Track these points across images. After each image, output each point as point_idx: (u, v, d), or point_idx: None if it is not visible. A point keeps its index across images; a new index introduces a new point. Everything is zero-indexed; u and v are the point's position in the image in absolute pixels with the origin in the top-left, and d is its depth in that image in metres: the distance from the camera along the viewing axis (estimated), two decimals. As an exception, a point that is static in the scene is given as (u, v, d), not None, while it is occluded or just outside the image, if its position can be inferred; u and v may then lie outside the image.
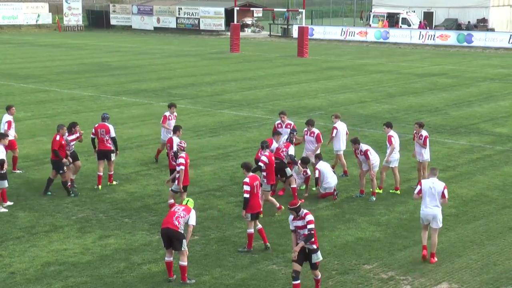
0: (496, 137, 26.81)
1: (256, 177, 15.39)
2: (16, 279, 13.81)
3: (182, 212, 13.54)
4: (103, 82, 41.71)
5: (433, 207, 14.73)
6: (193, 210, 13.76)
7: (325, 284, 13.65)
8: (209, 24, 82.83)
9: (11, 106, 21.98)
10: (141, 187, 19.96)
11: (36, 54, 58.85)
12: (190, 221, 13.56)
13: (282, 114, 21.18)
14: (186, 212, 13.57)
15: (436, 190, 14.69)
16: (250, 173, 15.29)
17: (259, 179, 15.52)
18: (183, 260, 13.54)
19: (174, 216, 13.47)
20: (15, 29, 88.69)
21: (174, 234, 13.36)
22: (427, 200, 14.76)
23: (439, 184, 14.79)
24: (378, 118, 30.31)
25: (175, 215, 13.47)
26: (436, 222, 14.79)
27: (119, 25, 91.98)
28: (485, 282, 13.80)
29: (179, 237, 13.37)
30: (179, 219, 13.41)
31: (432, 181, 14.83)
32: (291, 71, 47.38)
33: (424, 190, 14.80)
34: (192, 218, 13.59)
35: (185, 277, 13.59)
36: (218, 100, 35.13)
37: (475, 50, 63.82)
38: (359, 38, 71.97)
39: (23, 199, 18.64)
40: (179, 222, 13.41)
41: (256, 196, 15.17)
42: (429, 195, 14.74)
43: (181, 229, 13.42)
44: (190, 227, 13.61)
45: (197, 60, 54.52)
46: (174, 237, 13.37)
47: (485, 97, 36.45)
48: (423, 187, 14.83)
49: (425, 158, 19.67)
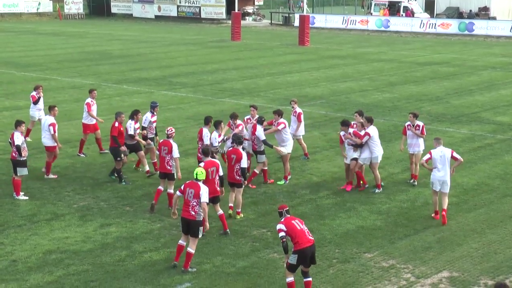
0: (497, 125, 26.78)
1: (213, 163, 15.43)
2: (18, 267, 13.85)
3: (194, 201, 13.59)
4: (104, 70, 41.67)
5: (444, 174, 16.14)
6: (203, 186, 13.75)
7: (326, 272, 13.69)
8: (210, 13, 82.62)
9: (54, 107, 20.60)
10: (142, 176, 19.97)
11: (37, 43, 58.76)
12: (203, 199, 13.61)
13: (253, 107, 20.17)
14: (196, 198, 13.59)
15: (446, 156, 16.17)
16: (208, 158, 15.41)
17: (218, 165, 15.48)
18: (192, 248, 13.64)
19: (189, 205, 13.64)
20: (15, 17, 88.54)
21: (191, 223, 13.61)
22: (438, 167, 16.15)
23: (447, 151, 16.31)
24: (379, 106, 30.29)
25: (190, 204, 13.63)
26: (446, 186, 16.22)
27: (120, 13, 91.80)
28: (486, 270, 13.83)
29: (196, 225, 13.59)
30: (194, 208, 13.57)
31: (440, 150, 16.26)
32: (292, 60, 47.30)
33: (435, 159, 16.19)
34: (203, 196, 13.60)
35: (188, 264, 13.64)
36: (219, 89, 35.09)
37: (476, 38, 63.66)
38: (360, 27, 71.78)
39: (24, 187, 18.64)
40: (195, 211, 13.56)
41: (212, 181, 15.19)
42: (440, 162, 16.15)
43: (198, 217, 13.55)
44: (204, 205, 13.61)
45: (198, 49, 54.43)
46: (191, 226, 13.63)
47: (487, 85, 36.39)
48: (433, 156, 16.22)
49: (420, 150, 19.05)
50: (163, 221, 16.37)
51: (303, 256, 12.34)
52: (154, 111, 20.46)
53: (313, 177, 19.94)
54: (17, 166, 17.79)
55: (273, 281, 13.32)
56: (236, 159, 16.33)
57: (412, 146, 19.15)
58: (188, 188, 13.72)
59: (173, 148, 16.63)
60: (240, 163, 16.27)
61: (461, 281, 13.36)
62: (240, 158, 16.28)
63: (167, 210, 16.98)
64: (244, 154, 16.50)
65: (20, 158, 17.73)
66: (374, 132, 18.40)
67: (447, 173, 16.22)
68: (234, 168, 16.36)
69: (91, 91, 22.81)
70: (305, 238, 12.34)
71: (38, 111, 23.61)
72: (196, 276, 13.51)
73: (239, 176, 16.35)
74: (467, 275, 13.62)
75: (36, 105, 23.58)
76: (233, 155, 16.44)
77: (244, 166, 16.33)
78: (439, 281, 13.39)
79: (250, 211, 16.99)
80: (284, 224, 12.45)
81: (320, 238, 15.35)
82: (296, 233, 12.35)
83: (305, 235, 12.37)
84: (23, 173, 17.88)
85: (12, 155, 17.85)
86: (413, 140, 19.09)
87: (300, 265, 12.48)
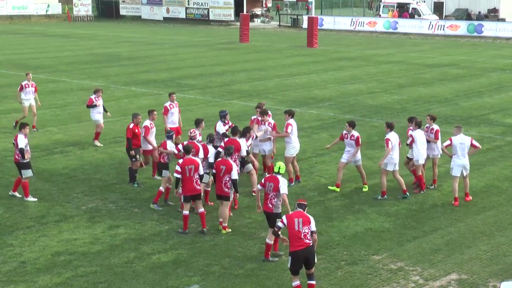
0: (506, 128, 26.70)
1: (192, 161, 15.48)
2: (27, 268, 13.89)
3: (272, 194, 14.24)
4: (112, 72, 41.77)
5: (464, 159, 17.55)
6: (282, 179, 14.27)
7: (334, 274, 13.67)
8: (219, 14, 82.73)
9: (153, 111, 20.34)
10: (150, 178, 20.00)
11: (46, 44, 58.96)
12: (282, 191, 14.17)
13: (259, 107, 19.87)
14: (275, 191, 14.20)
15: (465, 144, 17.52)
16: (188, 155, 15.64)
17: (197, 164, 15.51)
18: (270, 238, 14.16)
19: (268, 198, 14.28)
20: (25, 19, 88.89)
21: (269, 215, 14.31)
22: (459, 153, 17.51)
23: (467, 139, 17.64)
24: (388, 108, 30.24)
25: (269, 197, 14.28)
26: (467, 170, 17.71)
27: (128, 15, 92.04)
28: (495, 273, 13.78)
29: (274, 217, 14.13)
30: (272, 201, 14.26)
31: (460, 137, 17.56)
32: (300, 62, 47.29)
33: (455, 145, 17.50)
34: (282, 188, 14.19)
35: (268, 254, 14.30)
36: (227, 91, 35.12)
37: (485, 40, 63.49)
38: (368, 29, 71.72)
39: (33, 189, 18.70)
40: (272, 204, 14.25)
41: (189, 180, 15.39)
42: (460, 149, 17.51)
43: (276, 209, 14.25)
44: (283, 197, 14.24)
45: (207, 51, 54.49)
46: (270, 218, 14.31)
47: (496, 87, 36.28)
48: (453, 143, 17.52)
49: (436, 153, 18.83)
50: (171, 223, 16.38)
51: (296, 258, 12.30)
52: (225, 119, 19.26)
53: (321, 179, 19.93)
54: (21, 169, 17.83)
55: (281, 283, 13.31)
56: (225, 170, 15.51)
57: (429, 150, 18.73)
58: (268, 182, 14.25)
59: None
60: (230, 174, 15.51)
61: (470, 284, 13.31)
62: (230, 169, 15.50)
63: (175, 212, 17.01)
64: (234, 165, 15.70)
65: (23, 161, 17.77)
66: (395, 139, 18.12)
67: (467, 158, 17.57)
68: (222, 179, 15.56)
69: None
70: (298, 240, 12.16)
71: (99, 114, 23.43)
72: (204, 278, 13.51)
73: (228, 188, 15.61)
74: (476, 278, 13.57)
75: (96, 108, 23.38)
76: (222, 166, 15.60)
77: (235, 177, 15.57)
78: (448, 283, 13.34)
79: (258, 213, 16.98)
80: (287, 217, 12.53)
81: (328, 240, 15.34)
82: (290, 233, 12.33)
83: (299, 238, 12.17)
84: (28, 174, 17.91)
85: (15, 158, 17.89)
86: (431, 143, 18.74)
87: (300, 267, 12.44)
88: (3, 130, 25.87)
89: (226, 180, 15.60)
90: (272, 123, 19.35)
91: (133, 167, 19.22)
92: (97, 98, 23.51)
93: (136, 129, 19.09)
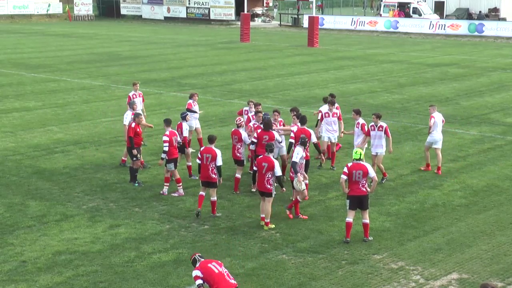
0: (507, 127, 26.69)
1: (210, 150, 16.63)
2: (27, 267, 13.90)
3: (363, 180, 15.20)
4: (113, 71, 41.77)
5: (439, 133, 20.32)
6: (368, 165, 15.32)
7: (334, 274, 13.67)
8: (219, 14, 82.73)
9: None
10: (151, 177, 20.01)
11: (46, 44, 58.97)
12: (371, 174, 15.31)
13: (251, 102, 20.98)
14: (364, 177, 15.14)
15: (440, 119, 20.42)
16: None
17: (215, 154, 16.51)
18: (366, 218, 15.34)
19: (359, 184, 15.11)
20: (25, 18, 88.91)
21: (364, 198, 15.16)
22: (437, 128, 20.24)
23: (439, 115, 20.57)
24: (388, 108, 30.24)
25: (360, 183, 15.10)
26: (440, 143, 20.33)
27: (129, 14, 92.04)
28: (495, 272, 13.78)
29: (368, 198, 15.31)
30: (365, 186, 15.14)
31: (438, 114, 20.40)
32: (301, 61, 47.29)
33: (436, 122, 20.16)
34: (371, 172, 15.25)
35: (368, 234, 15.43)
36: (228, 90, 35.12)
37: (486, 39, 63.48)
38: (369, 28, 71.70)
39: (33, 189, 18.71)
40: (365, 188, 15.19)
41: (205, 167, 16.54)
42: (438, 125, 20.27)
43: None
44: (374, 178, 15.42)
45: (207, 50, 54.49)
46: (364, 200, 15.22)
47: (496, 87, 36.27)
48: (436, 120, 20.24)
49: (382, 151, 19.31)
50: (172, 222, 16.39)
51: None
52: None
53: (322, 178, 19.93)
54: None
55: (282, 283, 13.31)
56: (267, 167, 15.83)
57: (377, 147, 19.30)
58: (355, 171, 15.04)
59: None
60: (274, 171, 15.84)
61: (470, 283, 13.31)
62: (272, 166, 15.83)
63: (176, 211, 17.02)
64: (276, 162, 16.01)
65: None
66: None
67: (440, 132, 20.29)
68: (265, 176, 15.86)
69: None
70: (225, 282, 11.06)
71: (195, 119, 22.44)
72: (205, 277, 13.50)
73: (270, 185, 15.88)
74: (477, 277, 13.56)
75: (193, 114, 22.22)
76: (264, 163, 15.93)
77: (279, 174, 15.99)
78: (449, 283, 13.34)
79: (259, 212, 16.97)
80: (199, 269, 11.25)
81: (329, 239, 15.35)
82: (214, 278, 11.07)
83: (225, 279, 11.10)
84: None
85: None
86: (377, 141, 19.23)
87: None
88: (3, 130, 25.88)
89: (269, 176, 15.89)
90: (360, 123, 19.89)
91: (134, 167, 19.23)
92: (194, 102, 22.66)
93: (137, 128, 19.15)
